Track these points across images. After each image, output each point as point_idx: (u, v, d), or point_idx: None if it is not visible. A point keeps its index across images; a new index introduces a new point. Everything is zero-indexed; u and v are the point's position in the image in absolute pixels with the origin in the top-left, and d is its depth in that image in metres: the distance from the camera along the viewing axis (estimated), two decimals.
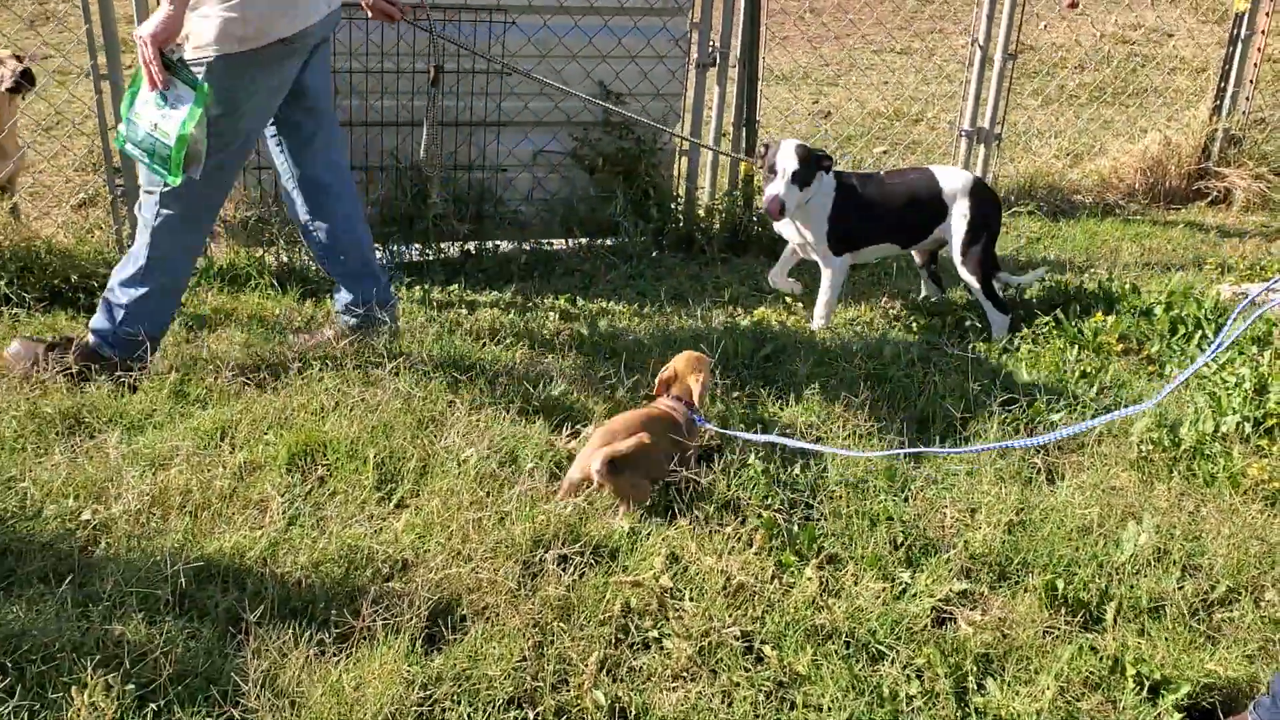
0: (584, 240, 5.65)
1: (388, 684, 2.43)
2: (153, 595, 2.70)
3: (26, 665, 2.44)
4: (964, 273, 4.66)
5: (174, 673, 2.45)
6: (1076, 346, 4.40)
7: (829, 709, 2.53)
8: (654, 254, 5.56)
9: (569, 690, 2.55)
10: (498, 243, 5.53)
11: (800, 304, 4.96)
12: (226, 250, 5.12)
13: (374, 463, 3.30)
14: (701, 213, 5.85)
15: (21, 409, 3.52)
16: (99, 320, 3.88)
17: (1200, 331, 4.50)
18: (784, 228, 4.62)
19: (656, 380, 3.58)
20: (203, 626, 2.63)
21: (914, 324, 4.76)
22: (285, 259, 5.02)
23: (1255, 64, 6.77)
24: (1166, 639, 2.77)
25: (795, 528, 3.14)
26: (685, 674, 2.61)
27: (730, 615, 2.76)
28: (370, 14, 4.25)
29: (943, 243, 4.76)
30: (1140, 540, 3.06)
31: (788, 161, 4.33)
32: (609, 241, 5.61)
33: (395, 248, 5.28)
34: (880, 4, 10.92)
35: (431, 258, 5.31)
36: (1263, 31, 6.68)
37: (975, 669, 2.67)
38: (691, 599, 2.81)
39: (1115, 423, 3.78)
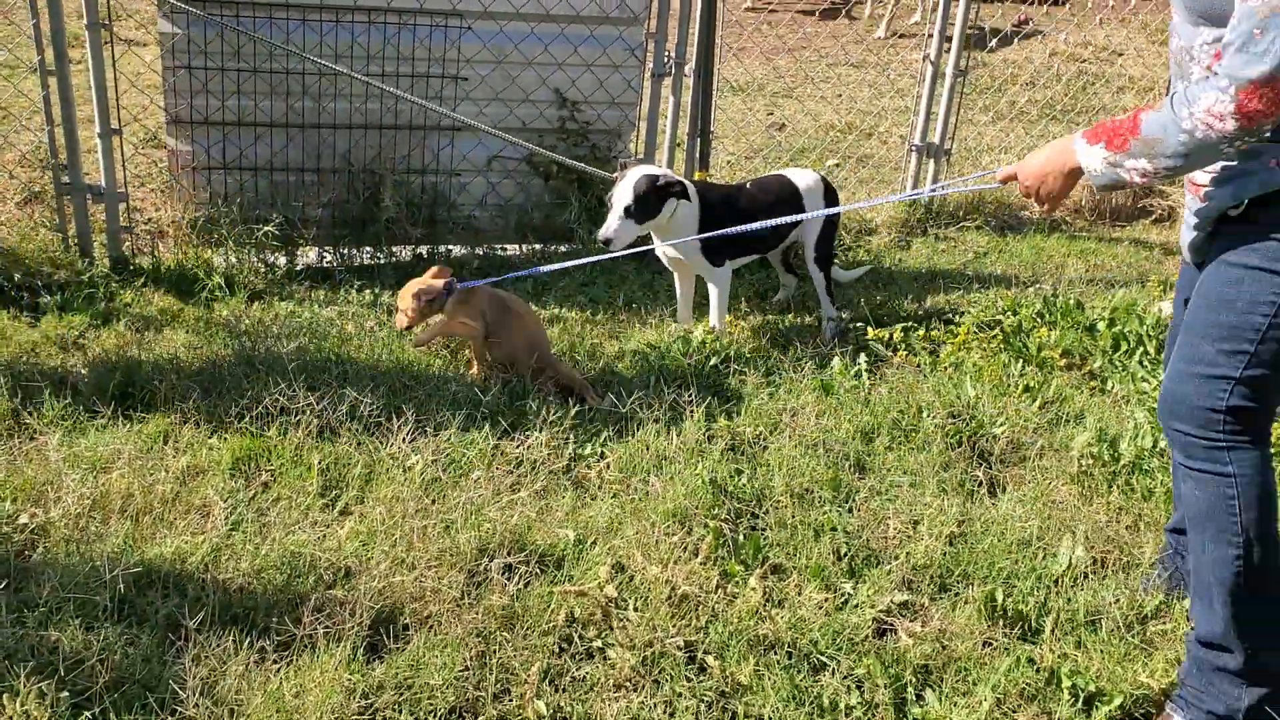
0: (538, 246, 5.64)
1: (328, 692, 2.42)
2: (91, 601, 2.67)
3: None
4: (814, 269, 4.83)
5: (110, 680, 2.43)
6: (1020, 360, 4.46)
7: (770, 719, 2.55)
8: (608, 261, 5.56)
9: (511, 700, 2.55)
10: (450, 247, 5.51)
11: (750, 315, 5.00)
12: (174, 251, 5.06)
13: (319, 469, 3.28)
14: None
15: None
16: None
17: (1142, 347, 4.58)
18: (659, 251, 4.61)
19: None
20: (141, 633, 2.60)
21: (860, 337, 4.81)
22: (234, 260, 4.96)
23: None
24: (1102, 651, 2.82)
25: (741, 537, 3.16)
26: (628, 684, 2.62)
27: (674, 625, 2.78)
28: None
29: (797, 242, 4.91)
30: (1077, 553, 3.11)
31: (624, 196, 4.19)
32: (563, 248, 5.61)
33: (346, 251, 5.25)
34: (835, 18, 11.02)
35: (383, 261, 5.28)
36: None
37: (915, 680, 2.70)
38: (636, 609, 2.82)
39: (1056, 437, 3.85)
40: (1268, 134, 2.26)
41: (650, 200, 4.22)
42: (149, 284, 4.80)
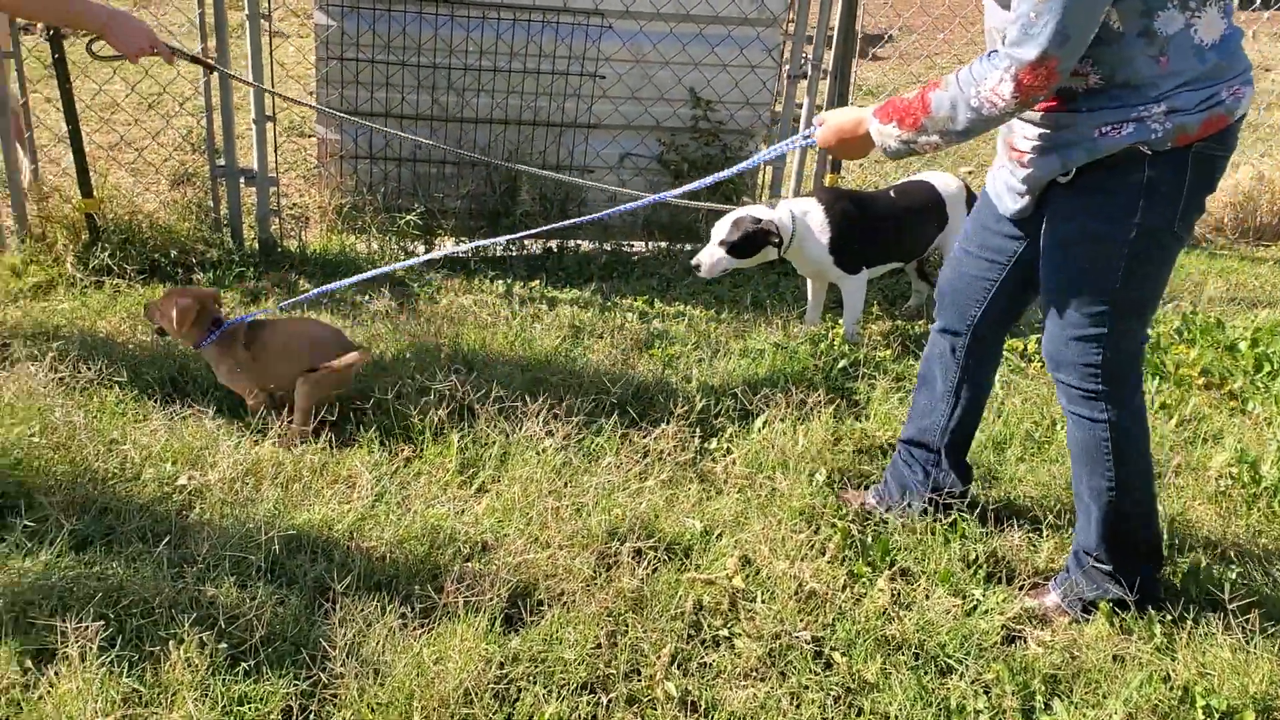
0: (664, 244, 5.70)
1: (467, 660, 2.51)
2: (245, 561, 2.81)
3: (126, 618, 2.55)
4: None
5: (264, 635, 2.55)
6: (1157, 377, 4.36)
7: (897, 718, 2.56)
8: None
9: (640, 680, 2.60)
10: (579, 242, 5.61)
11: (880, 319, 4.98)
12: (320, 235, 5.26)
13: (458, 447, 3.39)
14: None
15: (124, 375, 3.66)
16: None
17: None
18: (793, 261, 4.64)
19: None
20: (291, 594, 2.73)
21: None
22: (376, 247, 5.13)
23: None
24: (1237, 671, 2.75)
25: (869, 539, 3.17)
26: (755, 673, 2.66)
27: (801, 620, 2.80)
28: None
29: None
30: (1228, 572, 3.04)
31: (724, 231, 4.42)
32: (689, 247, 5.67)
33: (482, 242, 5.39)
34: (973, 25, 10.87)
35: (515, 254, 5.41)
36: None
37: (1043, 689, 2.67)
38: (763, 601, 2.86)
39: (1193, 456, 3.75)
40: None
41: (748, 239, 4.39)
42: (291, 268, 4.99)
